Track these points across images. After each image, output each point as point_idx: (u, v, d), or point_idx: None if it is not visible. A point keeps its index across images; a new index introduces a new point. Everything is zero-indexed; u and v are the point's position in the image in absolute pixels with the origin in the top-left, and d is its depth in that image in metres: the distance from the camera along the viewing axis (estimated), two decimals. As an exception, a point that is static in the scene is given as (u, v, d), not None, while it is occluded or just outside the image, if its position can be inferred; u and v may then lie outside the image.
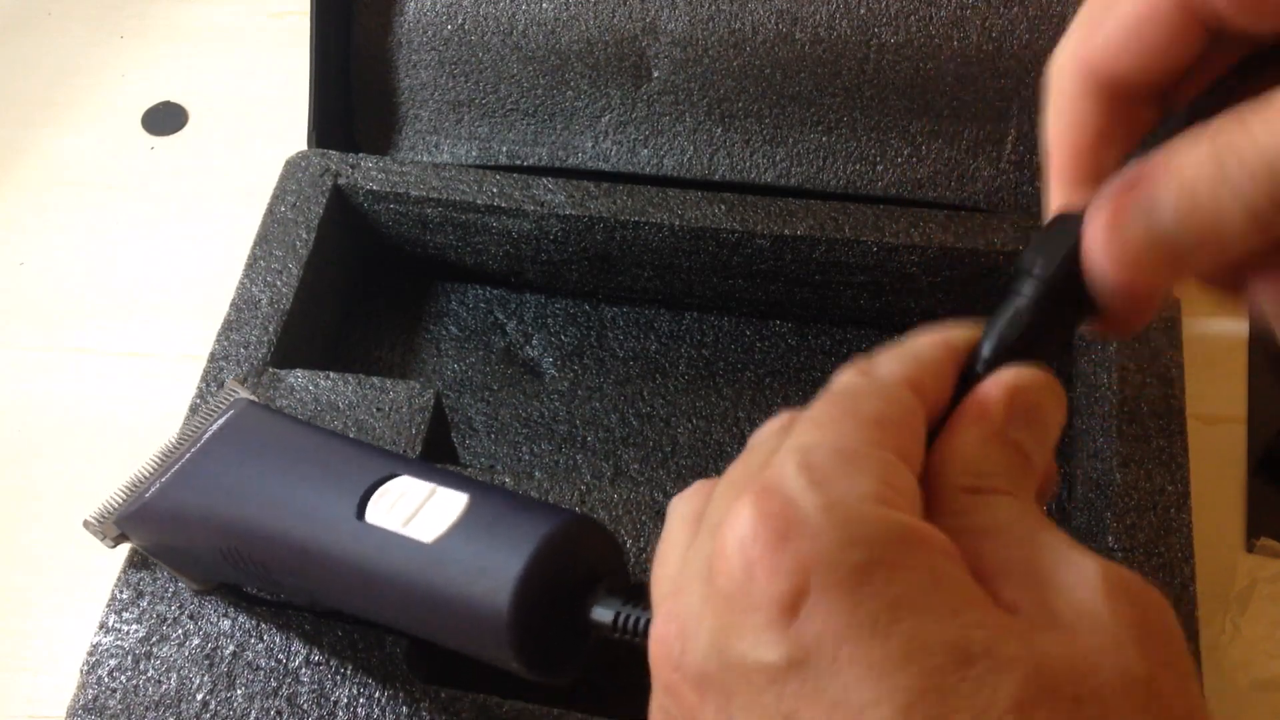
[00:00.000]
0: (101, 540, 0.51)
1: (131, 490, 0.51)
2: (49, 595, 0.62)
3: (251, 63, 0.86)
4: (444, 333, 0.69)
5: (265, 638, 0.51)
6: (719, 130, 0.67)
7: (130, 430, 0.68)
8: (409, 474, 0.43)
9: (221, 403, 0.53)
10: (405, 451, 0.56)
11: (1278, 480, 0.63)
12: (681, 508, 0.31)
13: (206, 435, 0.50)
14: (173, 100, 0.84)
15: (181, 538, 0.49)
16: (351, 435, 0.56)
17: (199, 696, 0.49)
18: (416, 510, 0.41)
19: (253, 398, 0.53)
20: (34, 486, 0.66)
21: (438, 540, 0.40)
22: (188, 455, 0.50)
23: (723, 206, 0.64)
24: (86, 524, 0.51)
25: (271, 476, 0.46)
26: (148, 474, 0.51)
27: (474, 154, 0.69)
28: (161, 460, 0.51)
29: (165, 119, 0.83)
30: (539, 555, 0.38)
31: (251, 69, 0.86)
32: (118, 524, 0.51)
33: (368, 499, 0.43)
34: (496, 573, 0.38)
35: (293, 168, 0.66)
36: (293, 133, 0.70)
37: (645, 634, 0.35)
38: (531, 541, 0.38)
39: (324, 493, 0.44)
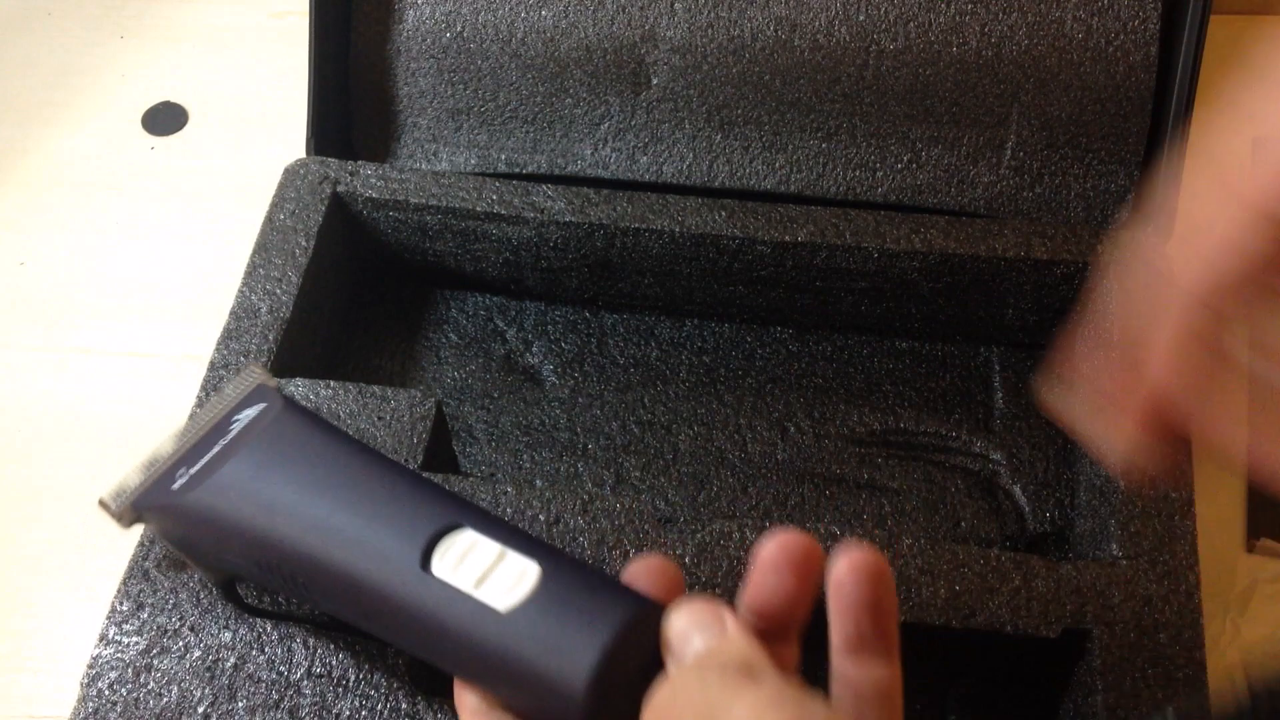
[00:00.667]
0: (116, 521, 0.49)
1: (150, 470, 0.49)
2: (49, 595, 0.62)
3: (251, 63, 0.86)
4: (444, 340, 0.69)
5: (266, 650, 0.51)
6: (718, 137, 0.67)
7: (130, 430, 0.68)
8: (474, 528, 0.42)
9: (245, 384, 0.51)
10: (406, 460, 0.56)
11: (1277, 480, 0.63)
12: None
13: (237, 429, 0.48)
14: (173, 100, 0.84)
15: (210, 540, 0.48)
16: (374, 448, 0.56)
17: (200, 709, 0.50)
18: (487, 573, 0.40)
19: (285, 392, 0.52)
20: (34, 487, 0.66)
21: (512, 610, 0.39)
22: (217, 449, 0.48)
23: (723, 213, 0.64)
24: (102, 503, 0.49)
25: (323, 499, 0.45)
26: (169, 455, 0.49)
27: (473, 162, 0.69)
28: (184, 441, 0.49)
29: (165, 119, 0.83)
30: (616, 643, 0.37)
31: (251, 69, 0.85)
32: (135, 507, 0.48)
33: (432, 549, 0.42)
34: (574, 656, 0.37)
35: (291, 175, 0.66)
36: (293, 132, 0.70)
37: None
38: (609, 628, 0.38)
39: (384, 532, 0.43)
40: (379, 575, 0.42)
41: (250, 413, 0.49)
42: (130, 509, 0.48)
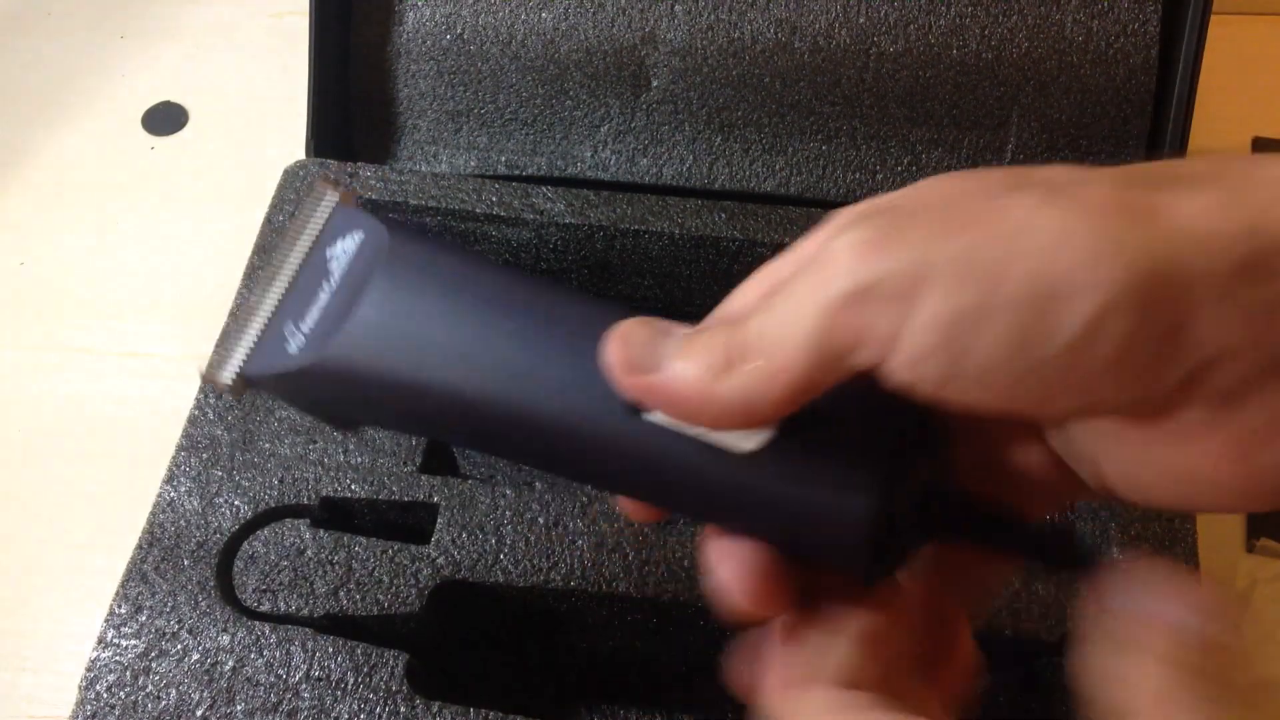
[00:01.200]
0: (227, 393, 0.41)
1: (245, 330, 0.40)
2: (49, 595, 0.62)
3: (251, 63, 0.86)
4: (443, 341, 0.68)
5: (265, 653, 0.51)
6: (718, 139, 0.67)
7: (130, 430, 0.68)
8: None
9: (319, 209, 0.41)
10: (405, 463, 0.56)
11: (1277, 482, 0.63)
12: None
13: (340, 268, 0.39)
14: (173, 100, 0.84)
15: (350, 401, 0.39)
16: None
17: (198, 712, 0.50)
18: None
19: (378, 214, 0.40)
20: (33, 486, 0.66)
21: (760, 451, 0.31)
22: (326, 295, 0.38)
23: (723, 215, 0.64)
24: (206, 379, 0.40)
25: (486, 335, 0.36)
26: (259, 308, 0.39)
27: (473, 164, 0.69)
28: (271, 289, 0.40)
29: (165, 119, 0.83)
30: (898, 459, 0.31)
31: (251, 69, 0.85)
32: (247, 379, 0.39)
33: None
34: (851, 488, 0.31)
35: (291, 177, 0.66)
36: (293, 133, 0.70)
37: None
38: (887, 448, 0.31)
39: (570, 366, 0.34)
40: (576, 426, 0.34)
41: (348, 245, 0.39)
42: (240, 380, 0.40)
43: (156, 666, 0.51)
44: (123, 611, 0.52)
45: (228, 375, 0.39)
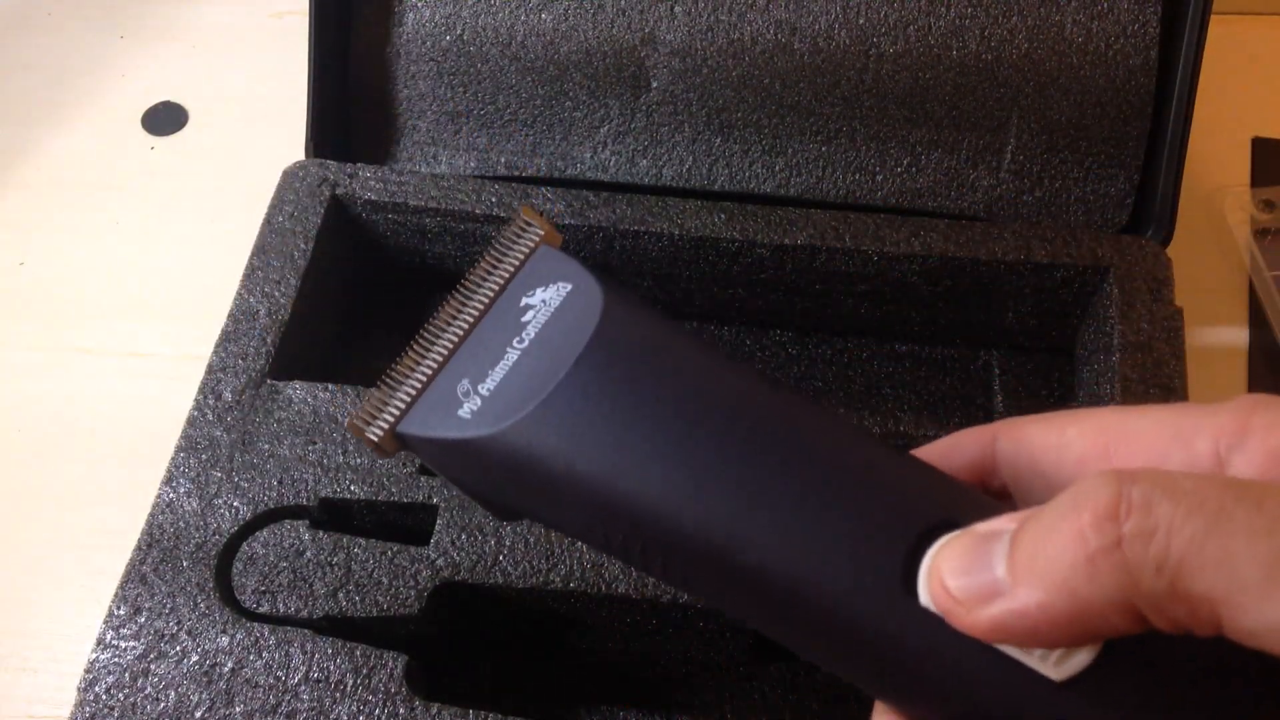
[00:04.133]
0: (373, 450, 0.35)
1: (412, 376, 0.34)
2: (49, 595, 0.62)
3: (251, 63, 0.86)
4: (443, 342, 0.68)
5: (264, 654, 0.51)
6: (718, 140, 0.67)
7: (131, 431, 0.68)
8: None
9: (521, 243, 0.35)
10: (405, 464, 0.56)
11: (1277, 483, 0.63)
12: None
13: (536, 324, 0.33)
14: (173, 100, 0.84)
15: (518, 491, 0.33)
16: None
17: (198, 714, 0.50)
18: None
19: (599, 281, 0.34)
20: (33, 486, 0.66)
21: (1072, 681, 0.25)
22: (514, 356, 0.33)
23: (722, 215, 0.64)
24: (353, 426, 0.35)
25: (718, 459, 0.29)
26: (434, 348, 0.34)
27: (472, 165, 0.69)
28: (455, 328, 0.34)
29: (165, 119, 0.83)
30: None
31: (251, 69, 0.85)
32: (402, 436, 0.34)
33: (918, 557, 0.27)
34: None
35: (290, 177, 0.66)
36: (293, 133, 0.70)
37: None
38: None
39: (830, 518, 0.28)
40: (822, 588, 0.28)
41: (550, 298, 0.33)
42: (392, 437, 0.34)
43: (155, 668, 0.51)
44: (121, 613, 0.52)
45: (378, 429, 0.34)
